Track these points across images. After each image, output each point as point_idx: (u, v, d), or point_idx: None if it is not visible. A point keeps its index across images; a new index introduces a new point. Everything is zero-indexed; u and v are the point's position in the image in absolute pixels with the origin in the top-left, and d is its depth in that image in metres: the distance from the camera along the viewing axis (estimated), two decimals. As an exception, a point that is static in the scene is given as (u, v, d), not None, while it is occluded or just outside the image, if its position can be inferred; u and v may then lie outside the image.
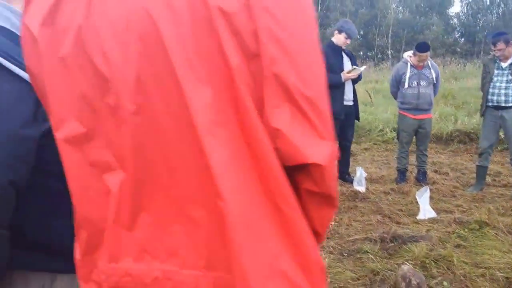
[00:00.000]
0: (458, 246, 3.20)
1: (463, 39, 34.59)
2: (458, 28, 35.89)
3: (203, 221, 0.63)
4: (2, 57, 0.92)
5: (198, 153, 0.59)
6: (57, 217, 1.04)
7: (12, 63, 0.94)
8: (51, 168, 1.00)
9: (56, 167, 1.04)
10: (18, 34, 1.01)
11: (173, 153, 0.62)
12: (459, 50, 30.57)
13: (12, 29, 1.04)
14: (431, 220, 3.74)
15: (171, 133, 0.61)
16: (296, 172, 0.62)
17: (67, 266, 1.08)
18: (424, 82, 4.80)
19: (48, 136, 0.99)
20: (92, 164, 0.69)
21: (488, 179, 4.95)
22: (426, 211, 3.86)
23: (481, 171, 4.64)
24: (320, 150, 0.60)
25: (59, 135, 0.71)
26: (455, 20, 36.79)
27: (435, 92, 5.00)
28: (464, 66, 17.10)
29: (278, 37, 0.59)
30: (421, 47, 4.71)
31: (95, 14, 0.64)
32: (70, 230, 1.08)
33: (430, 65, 4.87)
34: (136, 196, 0.66)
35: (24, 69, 0.95)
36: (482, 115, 4.68)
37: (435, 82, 4.89)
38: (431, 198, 4.02)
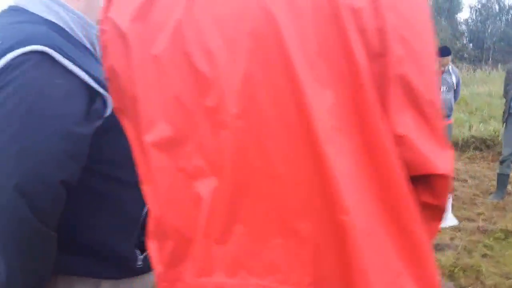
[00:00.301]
0: (484, 255, 3.13)
1: (471, 44, 34.46)
2: (466, 34, 35.76)
3: (310, 235, 0.57)
4: (57, 52, 0.89)
5: (314, 162, 0.54)
6: (103, 220, 1.01)
7: (66, 58, 0.90)
8: (99, 167, 0.97)
9: (104, 167, 1.00)
10: (65, 28, 1.00)
11: (279, 161, 0.57)
12: (466, 56, 30.44)
13: (60, 24, 1.01)
14: (454, 228, 3.67)
15: (279, 139, 0.56)
16: (415, 183, 0.57)
17: (111, 272, 1.05)
18: (445, 87, 4.73)
19: (97, 134, 0.95)
20: (182, 170, 0.64)
21: (509, 187, 4.87)
22: (447, 219, 3.79)
23: (503, 179, 4.55)
24: (446, 160, 0.55)
25: (148, 138, 0.66)
26: (463, 26, 36.67)
27: (455, 98, 4.93)
28: (474, 71, 17.00)
29: (404, 37, 0.54)
30: (443, 51, 4.64)
31: (197, 8, 0.59)
32: (115, 233, 1.04)
33: (451, 70, 4.80)
34: (232, 206, 0.61)
35: (78, 66, 0.92)
36: (505, 122, 4.60)
37: (455, 87, 4.82)
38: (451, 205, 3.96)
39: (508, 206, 4.33)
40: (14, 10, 1.03)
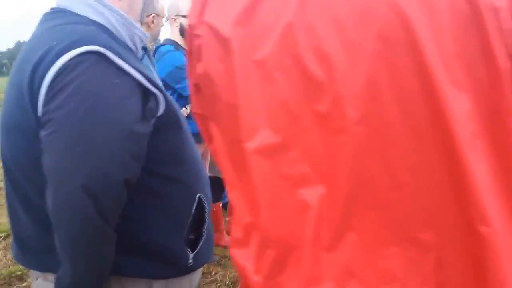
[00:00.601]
0: None
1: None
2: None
3: (432, 244, 0.55)
4: (112, 53, 0.89)
5: (450, 169, 0.51)
6: (155, 219, 1.00)
7: (120, 58, 0.90)
8: (151, 166, 0.97)
9: (155, 166, 0.99)
10: (111, 29, 1.00)
11: (403, 169, 0.55)
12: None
13: (106, 25, 1.00)
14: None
15: (404, 146, 0.54)
16: None
17: (163, 271, 1.04)
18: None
19: (153, 134, 0.95)
20: (285, 177, 0.62)
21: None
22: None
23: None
24: None
25: (250, 145, 0.64)
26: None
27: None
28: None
29: None
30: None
31: (311, 9, 0.57)
32: (168, 232, 1.03)
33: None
34: (343, 213, 0.59)
35: (130, 65, 0.91)
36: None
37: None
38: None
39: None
40: (58, 12, 1.03)
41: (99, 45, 0.88)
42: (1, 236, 3.41)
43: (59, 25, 0.97)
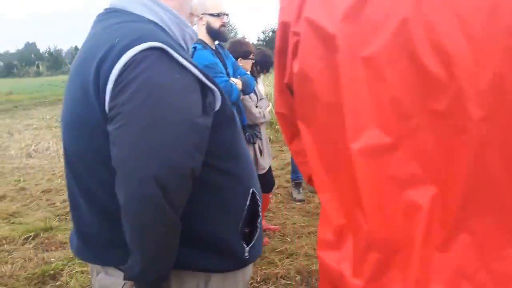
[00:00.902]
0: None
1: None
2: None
3: None
4: (173, 49, 0.90)
5: None
6: (213, 212, 1.02)
7: (180, 55, 0.92)
8: (209, 160, 0.97)
9: (213, 160, 1.00)
10: (165, 28, 1.02)
11: None
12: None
13: (160, 23, 1.02)
14: None
15: None
16: None
17: (221, 264, 1.05)
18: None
19: (211, 128, 0.96)
20: (392, 177, 0.61)
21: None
22: None
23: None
24: None
25: (355, 146, 0.63)
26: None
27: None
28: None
29: None
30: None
31: (428, 6, 0.55)
32: (225, 225, 1.04)
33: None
34: (457, 214, 0.58)
35: (188, 61, 0.93)
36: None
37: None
38: None
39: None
40: (114, 11, 1.05)
41: (160, 41, 0.90)
42: (30, 236, 3.43)
43: (117, 23, 0.98)
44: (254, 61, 3.22)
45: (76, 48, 51.90)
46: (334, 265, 0.69)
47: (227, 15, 2.67)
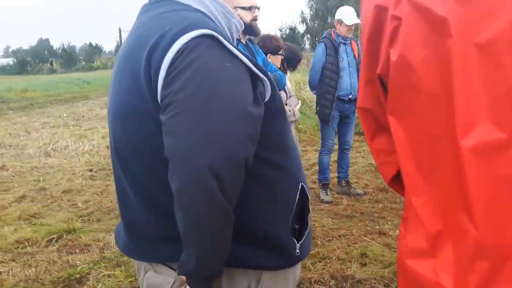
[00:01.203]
0: None
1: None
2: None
3: None
4: (224, 38, 0.88)
5: None
6: (265, 207, 0.98)
7: (231, 44, 0.90)
8: (260, 152, 0.93)
9: (264, 152, 0.95)
10: (211, 17, 0.99)
11: None
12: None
13: (207, 13, 0.99)
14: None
15: None
16: None
17: (273, 262, 1.00)
18: None
19: (264, 119, 0.92)
20: (506, 178, 0.53)
21: None
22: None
23: None
24: None
25: (466, 143, 0.55)
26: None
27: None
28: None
29: None
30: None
31: None
32: (276, 221, 0.99)
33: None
34: None
35: (238, 50, 0.90)
36: None
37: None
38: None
39: None
40: (161, 1, 1.02)
41: (211, 29, 0.88)
42: (54, 238, 3.37)
43: (166, 12, 0.97)
44: (283, 57, 3.11)
45: (90, 45, 52.35)
46: (430, 275, 0.62)
47: (258, 8, 2.57)
